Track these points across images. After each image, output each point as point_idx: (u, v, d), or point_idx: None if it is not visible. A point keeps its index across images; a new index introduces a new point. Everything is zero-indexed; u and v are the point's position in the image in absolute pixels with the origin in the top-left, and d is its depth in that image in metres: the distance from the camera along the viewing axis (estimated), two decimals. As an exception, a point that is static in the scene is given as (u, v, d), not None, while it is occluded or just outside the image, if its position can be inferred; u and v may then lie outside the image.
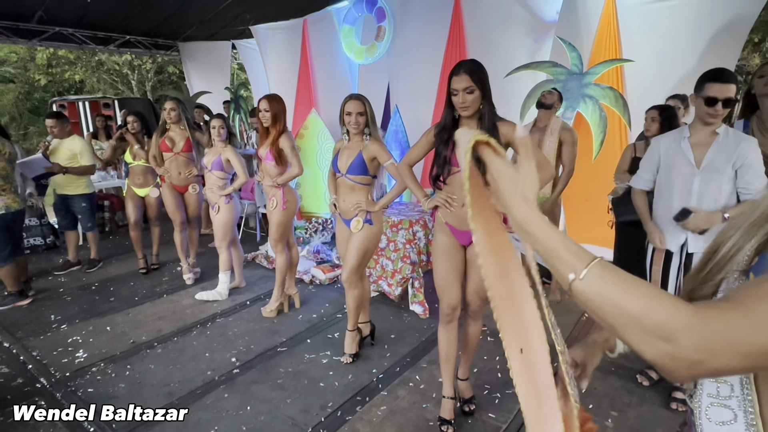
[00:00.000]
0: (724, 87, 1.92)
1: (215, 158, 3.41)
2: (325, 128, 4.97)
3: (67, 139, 4.07)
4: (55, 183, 4.13)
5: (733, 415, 0.62)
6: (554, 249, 0.59)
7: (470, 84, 1.81)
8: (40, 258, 4.80)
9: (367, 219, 2.52)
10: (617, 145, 3.68)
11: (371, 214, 2.53)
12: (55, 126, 4.00)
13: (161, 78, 16.47)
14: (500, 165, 0.65)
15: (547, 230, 0.60)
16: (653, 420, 2.18)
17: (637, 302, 0.52)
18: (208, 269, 4.27)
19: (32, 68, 15.19)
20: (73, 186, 4.12)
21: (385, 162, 2.47)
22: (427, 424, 2.16)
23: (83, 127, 7.92)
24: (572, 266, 0.57)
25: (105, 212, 5.95)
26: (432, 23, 4.63)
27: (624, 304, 0.53)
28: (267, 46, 6.65)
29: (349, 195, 2.54)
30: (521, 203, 0.62)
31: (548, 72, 3.86)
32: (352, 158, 2.48)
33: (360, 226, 2.52)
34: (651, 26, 3.54)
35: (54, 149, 4.05)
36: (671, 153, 2.15)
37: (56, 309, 3.54)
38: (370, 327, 2.91)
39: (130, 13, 6.67)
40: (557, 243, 0.59)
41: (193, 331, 3.13)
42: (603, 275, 0.55)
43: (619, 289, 0.54)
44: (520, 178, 0.63)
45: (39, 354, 2.86)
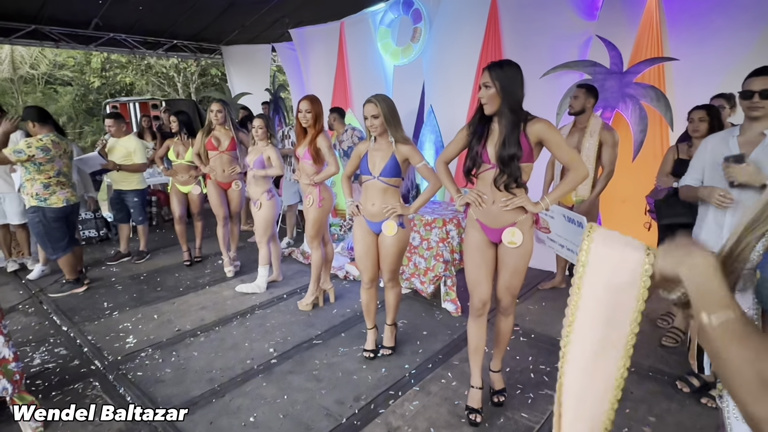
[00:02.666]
0: (760, 80, 1.92)
1: (257, 157, 3.54)
2: (360, 128, 5.07)
3: (124, 138, 4.35)
4: (112, 179, 4.45)
5: None
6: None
7: (488, 79, 1.86)
8: (94, 249, 5.12)
9: (400, 222, 2.50)
10: (658, 146, 3.58)
11: (404, 216, 2.51)
12: (113, 125, 4.29)
13: (205, 80, 17.16)
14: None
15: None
16: (693, 427, 2.12)
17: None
18: (247, 263, 4.43)
19: (88, 72, 16.19)
20: (127, 182, 4.40)
21: (417, 164, 2.42)
22: (459, 420, 2.18)
23: (134, 126, 8.39)
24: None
25: (152, 207, 6.28)
26: (468, 24, 4.62)
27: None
28: (305, 48, 6.82)
29: (380, 197, 2.48)
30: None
31: (587, 71, 3.79)
32: (386, 160, 2.43)
33: (395, 230, 2.48)
34: (697, 22, 3.41)
35: (111, 147, 4.34)
36: (718, 152, 2.10)
37: (108, 297, 3.79)
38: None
39: (177, 19, 7.01)
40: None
41: (233, 322, 3.27)
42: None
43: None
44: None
45: (93, 338, 3.08)
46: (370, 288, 2.71)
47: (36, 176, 3.50)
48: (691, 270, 0.65)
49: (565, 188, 1.94)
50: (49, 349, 2.95)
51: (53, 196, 3.57)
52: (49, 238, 3.63)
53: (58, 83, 16.55)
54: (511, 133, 1.86)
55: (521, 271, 2.05)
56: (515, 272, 2.04)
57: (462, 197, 2.09)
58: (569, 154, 1.91)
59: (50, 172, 3.54)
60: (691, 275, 0.65)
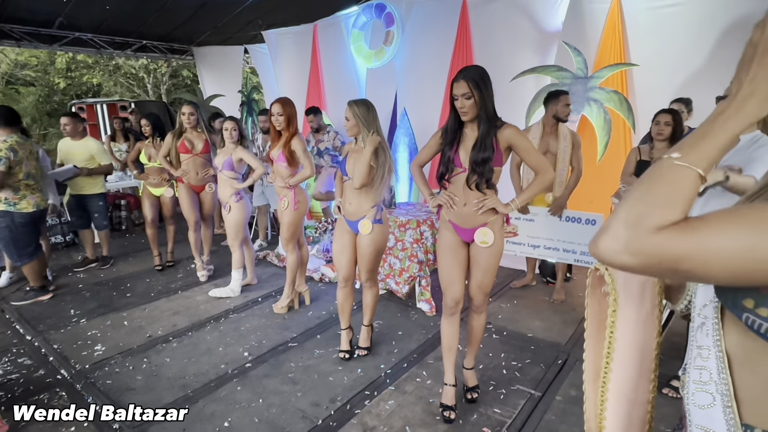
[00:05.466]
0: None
1: (226, 158, 3.50)
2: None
3: (81, 141, 4.17)
4: (71, 184, 4.23)
5: (712, 399, 0.67)
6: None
7: (467, 90, 1.90)
8: (60, 255, 4.96)
9: (378, 219, 2.54)
10: (621, 148, 3.72)
11: (381, 213, 2.55)
12: (69, 124, 4.08)
13: (176, 81, 16.79)
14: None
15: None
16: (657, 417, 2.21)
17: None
18: (221, 267, 4.37)
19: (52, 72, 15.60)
20: (89, 186, 4.25)
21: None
22: (433, 418, 2.22)
23: (101, 129, 8.13)
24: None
25: (122, 211, 6.11)
26: (439, 29, 4.70)
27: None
28: (278, 50, 6.78)
29: (356, 198, 2.54)
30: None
31: (553, 76, 3.91)
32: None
33: (370, 228, 2.52)
34: (657, 29, 3.58)
35: (67, 151, 4.12)
36: None
37: (76, 304, 3.67)
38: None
39: (147, 18, 6.84)
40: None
41: (207, 327, 3.23)
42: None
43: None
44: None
45: (60, 347, 2.98)
46: (344, 287, 2.73)
47: (5, 180, 3.35)
48: None
49: (534, 190, 2.03)
50: (11, 359, 2.85)
51: (23, 200, 3.45)
52: (15, 244, 3.50)
53: (20, 83, 15.89)
54: (485, 137, 1.93)
55: (493, 269, 2.11)
56: (487, 270, 2.10)
57: (435, 199, 2.15)
58: (537, 158, 2.00)
59: (19, 175, 3.41)
60: None
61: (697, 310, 0.74)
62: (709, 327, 0.69)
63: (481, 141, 1.94)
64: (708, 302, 0.71)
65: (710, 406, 0.68)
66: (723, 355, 0.66)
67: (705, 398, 0.69)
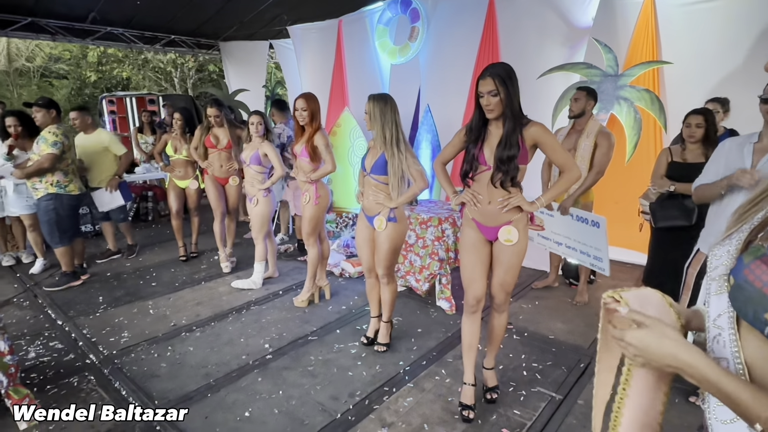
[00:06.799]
0: None
1: (253, 153, 3.55)
2: (357, 126, 5.08)
3: (94, 134, 4.21)
4: (92, 177, 4.27)
5: (734, 414, 0.65)
6: (731, 394, 0.62)
7: (494, 87, 1.88)
8: (89, 244, 5.10)
9: (391, 217, 2.56)
10: (651, 148, 3.62)
11: (394, 211, 2.56)
12: (77, 118, 4.12)
13: (202, 76, 17.08)
14: (631, 335, 0.71)
15: (716, 372, 0.63)
16: (681, 425, 2.16)
17: None
18: (243, 259, 4.44)
19: (84, 65, 16.07)
20: (108, 180, 4.28)
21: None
22: (452, 416, 2.21)
23: (130, 122, 8.34)
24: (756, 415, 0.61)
25: (149, 202, 6.27)
26: (465, 25, 4.65)
27: None
28: (302, 45, 6.82)
29: (372, 193, 2.58)
30: (674, 348, 0.66)
31: (582, 74, 3.83)
32: (376, 158, 2.53)
33: (384, 225, 2.55)
34: (692, 27, 3.46)
35: (83, 146, 4.18)
36: (732, 156, 2.04)
37: (104, 291, 3.79)
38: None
39: (175, 14, 6.98)
40: (730, 386, 0.62)
41: (229, 317, 3.29)
42: None
43: None
44: (654, 335, 0.69)
45: (89, 332, 3.08)
46: (369, 278, 2.82)
47: (57, 165, 3.55)
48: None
49: (559, 189, 2.01)
50: (44, 342, 2.96)
51: (71, 184, 3.68)
52: (60, 226, 3.67)
53: (53, 76, 16.42)
54: (511, 135, 1.91)
55: (516, 268, 2.09)
56: (510, 269, 2.08)
57: (458, 197, 2.14)
58: (563, 156, 1.97)
59: (68, 160, 3.65)
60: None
61: (711, 320, 0.71)
62: (726, 338, 0.67)
63: (506, 138, 1.92)
64: (722, 312, 0.69)
65: (733, 421, 0.66)
66: (743, 367, 0.64)
67: (726, 413, 0.66)
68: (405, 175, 2.49)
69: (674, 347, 0.66)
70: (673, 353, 0.66)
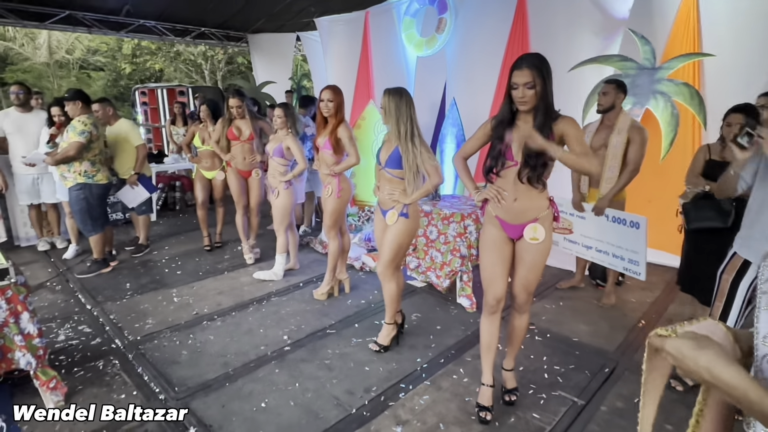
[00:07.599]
0: None
1: (277, 146, 3.56)
2: (381, 120, 5.04)
3: (116, 125, 4.22)
4: (119, 167, 4.29)
5: None
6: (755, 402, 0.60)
7: (531, 79, 1.79)
8: (119, 231, 5.26)
9: (403, 213, 2.52)
10: (689, 145, 3.45)
11: (408, 207, 2.52)
12: (99, 110, 4.09)
13: (231, 68, 17.37)
14: (670, 343, 0.70)
15: (758, 393, 0.60)
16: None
17: None
18: (265, 250, 4.49)
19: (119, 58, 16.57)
20: (128, 168, 4.29)
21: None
22: (469, 417, 2.16)
23: (161, 112, 8.54)
24: None
25: (176, 192, 6.41)
26: (494, 16, 4.52)
27: None
28: (329, 37, 6.80)
29: (387, 187, 2.56)
30: (709, 362, 0.64)
31: (616, 66, 3.66)
32: (390, 151, 2.49)
33: (395, 219, 2.52)
34: (737, 18, 3.25)
35: (111, 138, 4.19)
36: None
37: (131, 278, 3.89)
38: (400, 316, 2.87)
39: (206, 6, 7.08)
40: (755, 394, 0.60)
41: (250, 308, 3.32)
42: None
43: None
44: (691, 346, 0.67)
45: (115, 318, 3.17)
46: None
47: (84, 154, 3.64)
48: None
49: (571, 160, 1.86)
50: (73, 326, 3.06)
51: (99, 173, 3.76)
52: (91, 215, 3.78)
53: (91, 68, 17.01)
54: (542, 129, 1.82)
55: (539, 267, 2.01)
56: (533, 268, 2.00)
57: (481, 193, 2.07)
58: (582, 146, 1.86)
59: (95, 150, 3.72)
60: None
61: (760, 338, 0.67)
62: None
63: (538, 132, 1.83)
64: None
65: None
66: None
67: None
68: (420, 170, 2.46)
69: (710, 361, 0.63)
70: (707, 367, 0.63)
